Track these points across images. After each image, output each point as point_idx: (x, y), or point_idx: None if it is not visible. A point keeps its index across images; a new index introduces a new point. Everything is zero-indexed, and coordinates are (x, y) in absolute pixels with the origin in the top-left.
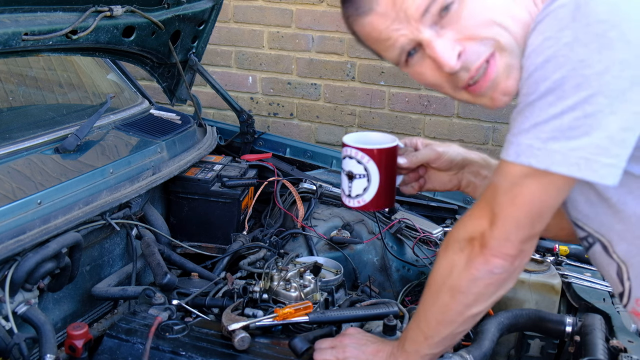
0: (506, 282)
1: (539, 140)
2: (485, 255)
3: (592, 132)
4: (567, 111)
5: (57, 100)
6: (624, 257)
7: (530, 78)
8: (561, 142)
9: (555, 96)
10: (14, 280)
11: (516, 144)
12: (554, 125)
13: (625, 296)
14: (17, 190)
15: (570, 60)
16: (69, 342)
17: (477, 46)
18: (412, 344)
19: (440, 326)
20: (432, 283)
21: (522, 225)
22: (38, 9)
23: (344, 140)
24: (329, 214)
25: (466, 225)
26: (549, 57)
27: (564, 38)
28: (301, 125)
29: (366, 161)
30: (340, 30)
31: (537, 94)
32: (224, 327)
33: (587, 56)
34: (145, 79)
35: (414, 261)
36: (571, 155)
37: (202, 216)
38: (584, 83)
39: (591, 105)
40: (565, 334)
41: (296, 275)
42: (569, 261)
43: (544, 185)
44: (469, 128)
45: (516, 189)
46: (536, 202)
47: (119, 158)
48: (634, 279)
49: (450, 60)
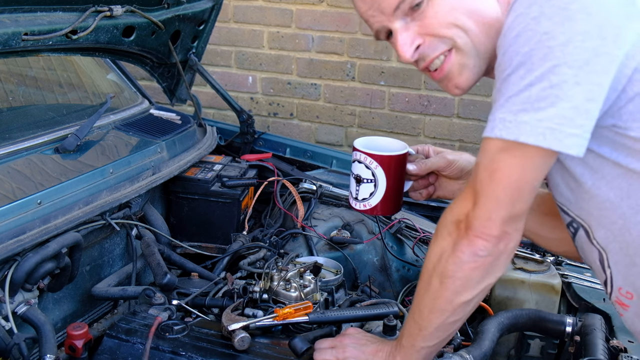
0: (492, 268)
1: (511, 112)
2: (469, 236)
3: (557, 103)
4: (535, 82)
5: (57, 100)
6: (603, 243)
7: (505, 55)
8: (530, 114)
9: (525, 69)
10: (14, 280)
11: (492, 120)
12: (524, 97)
13: (609, 284)
14: (17, 190)
15: (536, 33)
16: (69, 342)
17: (435, 42)
18: (408, 338)
19: (432, 315)
20: (424, 271)
21: (502, 203)
22: (38, 9)
23: (354, 144)
24: (329, 214)
25: (453, 209)
26: (519, 32)
27: (532, 13)
28: (301, 125)
29: (374, 167)
30: (340, 30)
31: (510, 68)
32: (224, 327)
33: (551, 28)
34: (145, 79)
35: (414, 261)
36: (538, 126)
37: (202, 216)
38: (549, 54)
39: (556, 76)
40: (565, 334)
41: (296, 275)
42: (568, 261)
43: (518, 158)
44: (469, 128)
45: (494, 164)
46: (514, 177)
47: (119, 158)
48: (614, 266)
49: (406, 53)
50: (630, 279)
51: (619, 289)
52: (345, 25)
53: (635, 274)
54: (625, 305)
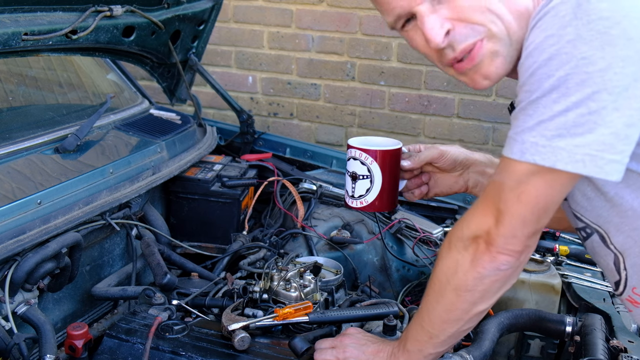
0: (511, 278)
1: (544, 137)
2: (491, 252)
3: (596, 129)
4: (572, 108)
5: (57, 100)
6: (621, 248)
7: (533, 76)
8: (566, 139)
9: (559, 93)
10: (14, 280)
11: (520, 142)
12: (559, 122)
13: (622, 284)
14: (17, 190)
15: (573, 58)
16: (69, 342)
17: (467, 29)
18: (415, 344)
19: (446, 325)
20: (436, 282)
21: (528, 222)
22: (38, 9)
23: (349, 142)
24: (329, 214)
25: (469, 224)
26: (552, 55)
27: (567, 35)
28: (301, 125)
29: (370, 162)
30: (340, 30)
31: (540, 91)
32: (224, 327)
33: (589, 53)
34: (145, 79)
35: (414, 261)
36: (576, 152)
37: (202, 216)
38: (588, 80)
39: (595, 102)
40: (565, 334)
41: (296, 275)
42: (569, 261)
43: (549, 182)
44: (469, 128)
45: (522, 186)
46: (542, 198)
47: (119, 158)
48: (630, 268)
49: (437, 37)
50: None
51: (633, 288)
52: (345, 25)
53: None
54: (637, 303)
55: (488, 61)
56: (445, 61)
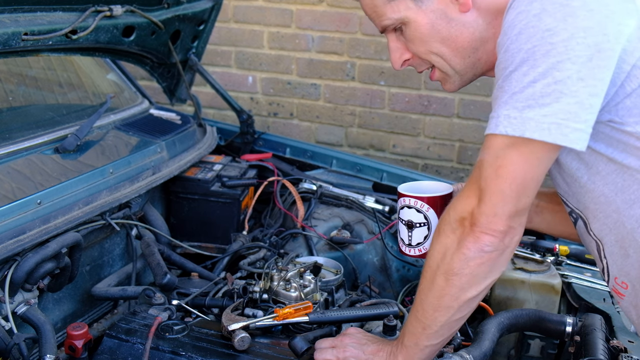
0: (498, 262)
1: (516, 109)
2: (475, 232)
3: (561, 98)
4: (539, 78)
5: (57, 100)
6: (599, 235)
7: (507, 52)
8: (535, 110)
9: (528, 65)
10: (13, 280)
11: (496, 117)
12: (528, 93)
13: (605, 273)
14: (17, 190)
15: (538, 30)
16: (68, 342)
17: (419, 61)
18: (411, 337)
19: (437, 313)
20: (427, 269)
21: (508, 198)
22: (38, 9)
23: (399, 190)
24: (329, 214)
25: (456, 206)
26: (521, 29)
27: (533, 10)
28: (301, 125)
29: (426, 209)
30: (340, 30)
31: (513, 65)
32: (224, 327)
33: (553, 25)
34: (145, 79)
35: (414, 261)
36: (543, 122)
37: (202, 216)
38: (552, 50)
39: (560, 72)
40: (565, 334)
41: (296, 275)
42: (569, 261)
43: (524, 154)
44: (469, 128)
45: (499, 160)
46: (519, 173)
47: (119, 158)
48: (609, 256)
49: (396, 65)
50: (625, 269)
51: (614, 278)
52: (345, 25)
53: (629, 264)
54: (621, 295)
55: (443, 82)
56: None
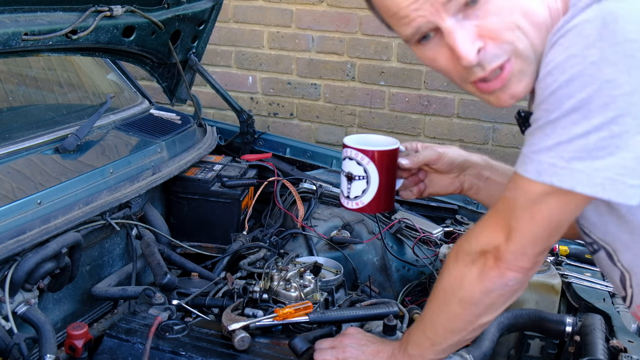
0: (517, 292)
1: (562, 159)
2: (500, 268)
3: (618, 153)
4: (593, 131)
5: (57, 100)
6: (629, 266)
7: (552, 95)
8: (586, 162)
9: (580, 115)
10: (14, 280)
11: (537, 162)
12: (579, 144)
13: (628, 301)
14: (17, 190)
15: (597, 80)
16: (69, 342)
17: (497, 48)
18: (416, 348)
19: (449, 334)
20: (441, 292)
21: (539, 240)
22: (38, 9)
23: (344, 141)
24: (329, 214)
25: (478, 238)
26: (574, 76)
27: (591, 57)
28: (301, 125)
29: (366, 162)
30: (340, 30)
31: (560, 111)
32: (224, 327)
33: (614, 76)
34: (145, 79)
35: (414, 261)
36: (596, 176)
37: (202, 216)
38: (611, 103)
39: (618, 126)
40: (565, 334)
41: (296, 275)
42: (569, 261)
43: (564, 202)
44: (469, 128)
45: (536, 206)
46: (554, 218)
47: (119, 158)
48: (637, 286)
49: (469, 55)
50: None
51: (637, 306)
52: (345, 25)
53: None
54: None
55: (516, 81)
56: (472, 79)
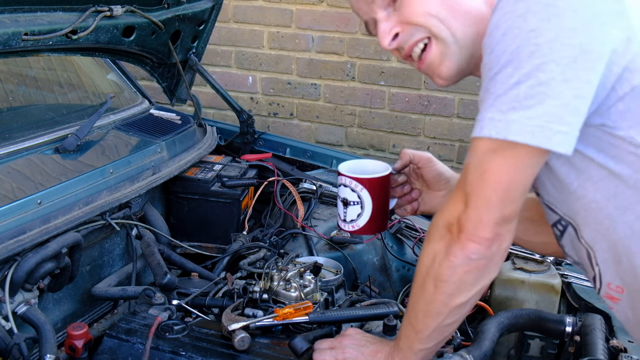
0: (486, 270)
1: (500, 112)
2: (461, 240)
3: (545, 100)
4: (523, 80)
5: (57, 100)
6: (590, 242)
7: (492, 53)
8: (519, 112)
9: (512, 67)
10: (14, 280)
11: (481, 120)
12: (512, 95)
13: (597, 280)
14: (17, 190)
15: (523, 31)
16: (69, 342)
17: (412, 30)
18: (406, 341)
19: (428, 318)
20: (418, 274)
21: (492, 204)
22: (38, 9)
23: (339, 168)
24: (329, 214)
25: (444, 212)
26: (506, 30)
27: (518, 10)
28: (301, 125)
29: (359, 190)
30: (340, 30)
31: (498, 66)
32: (224, 327)
33: (538, 25)
34: (145, 79)
35: (414, 261)
36: (527, 124)
37: (202, 216)
38: (537, 51)
39: (544, 73)
40: (565, 334)
41: (296, 275)
42: (569, 261)
43: (508, 158)
44: (469, 128)
45: (483, 164)
46: (504, 178)
47: (119, 158)
48: (601, 263)
49: (384, 41)
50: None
51: (608, 284)
52: (345, 25)
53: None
54: (615, 299)
55: (437, 62)
56: (402, 58)
